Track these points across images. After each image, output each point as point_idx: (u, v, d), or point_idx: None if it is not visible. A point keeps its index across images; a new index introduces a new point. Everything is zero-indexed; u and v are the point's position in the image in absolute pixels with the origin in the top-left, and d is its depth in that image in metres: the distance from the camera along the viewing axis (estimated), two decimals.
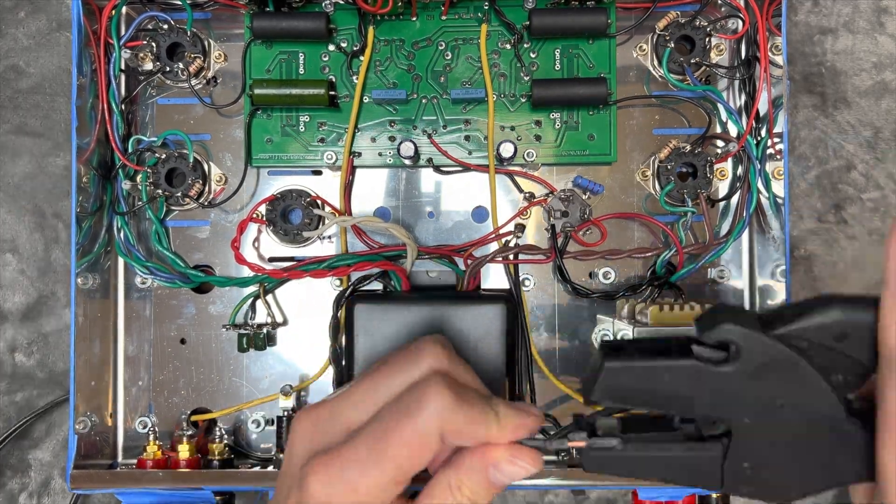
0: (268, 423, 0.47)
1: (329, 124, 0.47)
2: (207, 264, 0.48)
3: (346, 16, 0.46)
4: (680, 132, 0.47)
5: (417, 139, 0.46)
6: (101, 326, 0.46)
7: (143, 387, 0.47)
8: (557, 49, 0.47)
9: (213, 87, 0.48)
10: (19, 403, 0.52)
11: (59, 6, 0.53)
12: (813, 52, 0.52)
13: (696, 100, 0.47)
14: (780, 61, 0.44)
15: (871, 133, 0.52)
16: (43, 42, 0.53)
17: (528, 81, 0.46)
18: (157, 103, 0.48)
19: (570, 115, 0.46)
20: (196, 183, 0.46)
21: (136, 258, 0.46)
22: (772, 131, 0.45)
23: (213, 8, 0.47)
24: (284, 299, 0.47)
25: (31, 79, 0.53)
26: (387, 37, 0.47)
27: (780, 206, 0.44)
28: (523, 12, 0.46)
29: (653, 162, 0.47)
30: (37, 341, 0.52)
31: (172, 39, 0.46)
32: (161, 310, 0.48)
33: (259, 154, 0.47)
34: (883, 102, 0.52)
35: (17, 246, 0.52)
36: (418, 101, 0.47)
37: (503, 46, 0.47)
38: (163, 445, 0.45)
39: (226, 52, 0.48)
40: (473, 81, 0.47)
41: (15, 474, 0.52)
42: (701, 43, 0.46)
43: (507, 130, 0.47)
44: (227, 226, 0.48)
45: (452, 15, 0.47)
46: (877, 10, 0.52)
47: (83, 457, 0.44)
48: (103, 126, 0.46)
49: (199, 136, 0.48)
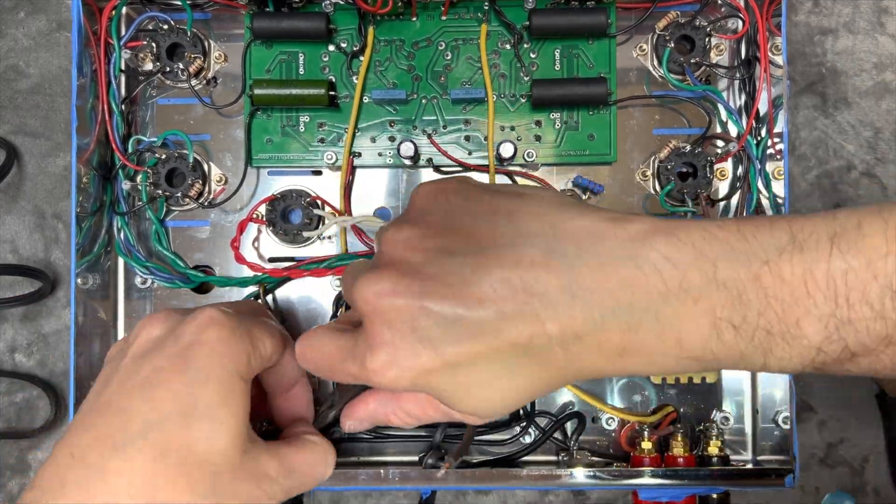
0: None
1: (329, 124, 0.47)
2: (207, 264, 0.48)
3: (346, 16, 0.46)
4: (680, 132, 0.47)
5: (417, 139, 0.46)
6: (101, 326, 0.46)
7: None
8: (557, 49, 0.46)
9: (213, 88, 0.48)
10: (19, 404, 0.52)
11: (59, 6, 0.53)
12: (813, 52, 0.52)
13: (696, 100, 0.47)
14: (780, 61, 0.44)
15: (872, 133, 0.52)
16: (43, 42, 0.53)
17: (528, 81, 0.46)
18: (157, 103, 0.48)
19: (570, 116, 0.46)
20: (196, 183, 0.46)
21: (136, 258, 0.46)
22: (772, 131, 0.45)
23: (213, 8, 0.47)
24: (284, 299, 0.47)
25: (31, 79, 0.53)
26: (387, 37, 0.47)
27: (781, 206, 0.44)
28: (523, 12, 0.46)
29: (653, 162, 0.47)
30: (37, 342, 0.52)
31: (172, 40, 0.46)
32: None
33: (259, 154, 0.47)
34: (883, 103, 0.52)
35: (17, 246, 0.52)
36: (418, 102, 0.47)
37: (503, 46, 0.47)
38: None
39: (226, 52, 0.48)
40: (473, 81, 0.47)
41: (15, 474, 0.52)
42: (701, 43, 0.45)
43: (507, 130, 0.47)
44: (227, 226, 0.48)
45: (452, 15, 0.47)
46: (877, 10, 0.52)
47: None
48: (103, 126, 0.46)
49: (200, 136, 0.48)
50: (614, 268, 0.28)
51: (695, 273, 0.27)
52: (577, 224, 0.29)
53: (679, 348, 0.28)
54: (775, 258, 0.27)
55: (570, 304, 0.27)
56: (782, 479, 0.43)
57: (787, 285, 0.26)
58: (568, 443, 0.46)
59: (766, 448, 0.46)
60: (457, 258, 0.29)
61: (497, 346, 0.28)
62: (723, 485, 0.43)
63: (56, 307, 0.52)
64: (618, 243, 0.28)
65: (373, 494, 0.51)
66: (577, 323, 0.28)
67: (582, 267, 0.28)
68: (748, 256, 0.27)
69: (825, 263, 0.26)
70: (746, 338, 0.27)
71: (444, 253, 0.29)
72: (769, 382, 0.46)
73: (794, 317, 0.26)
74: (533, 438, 0.46)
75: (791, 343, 0.27)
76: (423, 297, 0.28)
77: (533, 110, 0.46)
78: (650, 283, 0.27)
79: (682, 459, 0.44)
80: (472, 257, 0.29)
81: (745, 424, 0.46)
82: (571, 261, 0.28)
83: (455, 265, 0.29)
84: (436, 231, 0.30)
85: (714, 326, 0.27)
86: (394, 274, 0.29)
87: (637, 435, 0.45)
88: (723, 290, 0.27)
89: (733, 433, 0.46)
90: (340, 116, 0.47)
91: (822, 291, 0.26)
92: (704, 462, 0.44)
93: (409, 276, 0.29)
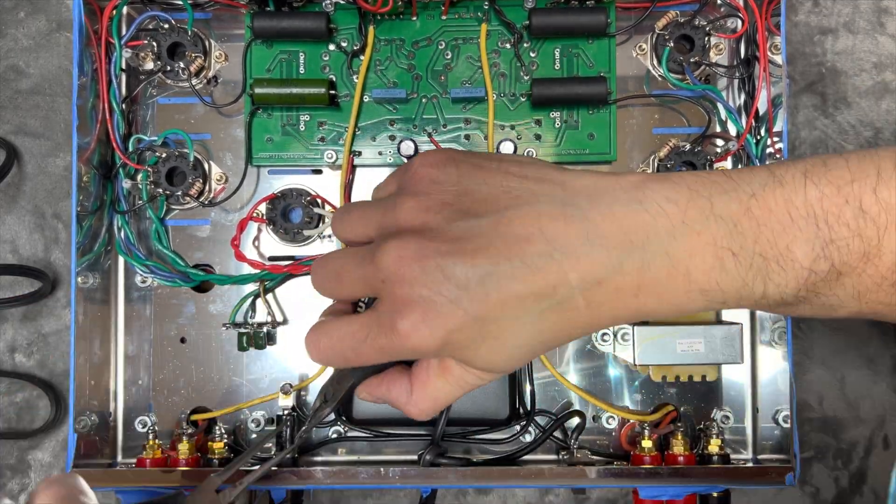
0: (268, 423, 0.47)
1: (329, 123, 0.47)
2: (207, 263, 0.48)
3: (347, 15, 0.47)
4: (679, 131, 0.47)
5: (417, 138, 0.46)
6: (101, 326, 0.46)
7: (143, 386, 0.47)
8: (557, 48, 0.47)
9: (214, 87, 0.48)
10: (19, 404, 0.52)
11: (59, 6, 0.53)
12: (813, 52, 0.52)
13: (696, 99, 0.47)
14: (780, 61, 0.44)
15: (872, 133, 0.52)
16: (43, 42, 0.53)
17: (528, 81, 0.46)
18: (157, 103, 0.48)
19: (570, 115, 0.46)
20: (196, 182, 0.46)
21: (136, 257, 0.46)
22: (771, 130, 0.45)
23: (213, 8, 0.47)
24: (284, 298, 0.47)
25: (31, 79, 0.53)
26: (387, 36, 0.47)
27: None
28: (523, 12, 0.46)
29: (652, 161, 0.47)
30: (37, 342, 0.52)
31: (173, 39, 0.46)
32: (161, 309, 0.48)
33: (259, 153, 0.47)
34: (883, 103, 0.52)
35: (17, 246, 0.52)
36: (418, 101, 0.47)
37: (503, 46, 0.47)
38: (163, 445, 0.45)
39: (226, 51, 0.48)
40: (473, 81, 0.47)
41: (15, 474, 0.52)
42: (700, 42, 0.46)
43: (507, 130, 0.47)
44: (227, 225, 0.48)
45: (452, 14, 0.47)
46: (877, 10, 0.52)
47: (83, 456, 0.44)
48: (104, 125, 0.46)
49: (200, 135, 0.48)
50: (624, 213, 0.30)
51: (694, 209, 0.30)
52: (582, 181, 0.32)
53: (688, 281, 0.30)
54: (760, 192, 0.30)
55: (589, 252, 0.30)
56: (783, 477, 0.43)
57: (774, 214, 0.30)
58: (568, 441, 0.45)
59: (766, 446, 0.46)
60: (478, 220, 0.30)
61: (524, 298, 0.29)
62: (723, 483, 0.43)
63: (56, 307, 0.52)
64: (622, 191, 0.31)
65: (373, 493, 0.51)
66: (597, 268, 0.30)
67: (595, 216, 0.30)
68: (737, 192, 0.30)
69: (802, 193, 0.30)
70: (745, 265, 0.30)
71: (464, 215, 0.31)
72: (769, 381, 0.46)
73: (784, 242, 0.29)
74: (533, 437, 0.46)
75: (784, 266, 0.30)
76: (449, 256, 0.29)
77: (533, 109, 0.46)
78: (657, 222, 0.30)
79: (682, 458, 0.44)
80: (492, 217, 0.30)
81: (745, 423, 0.46)
82: (585, 212, 0.30)
83: (476, 226, 0.30)
84: (453, 198, 0.31)
85: (717, 256, 0.30)
86: (416, 238, 0.30)
87: (637, 434, 0.45)
88: (720, 223, 0.30)
89: (734, 432, 0.46)
90: (341, 115, 0.47)
91: (803, 217, 0.29)
92: (705, 461, 0.44)
93: (431, 238, 0.30)
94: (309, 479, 0.43)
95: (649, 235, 0.30)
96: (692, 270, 0.30)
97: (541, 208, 0.30)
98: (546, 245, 0.29)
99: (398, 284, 0.30)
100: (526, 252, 0.29)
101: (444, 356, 0.32)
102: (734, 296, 0.30)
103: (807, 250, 0.29)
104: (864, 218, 0.29)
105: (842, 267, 0.30)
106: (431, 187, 0.32)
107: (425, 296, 0.29)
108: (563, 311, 0.30)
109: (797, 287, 0.30)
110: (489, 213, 0.30)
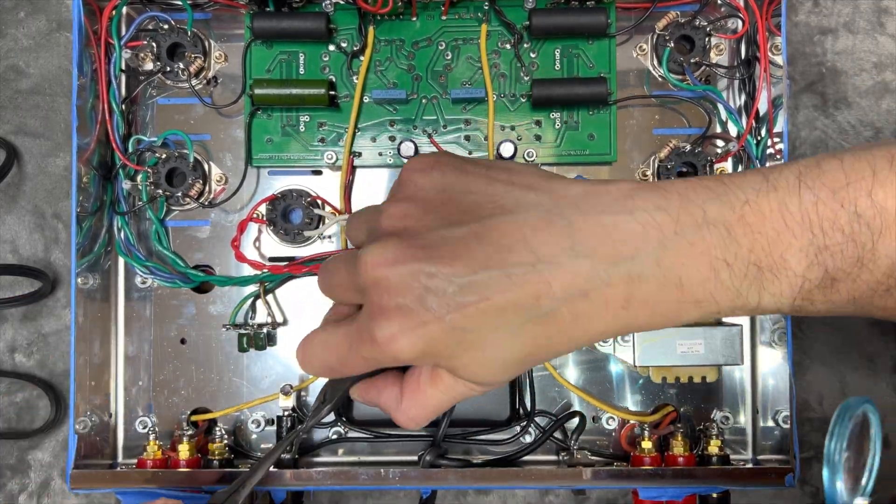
0: (268, 423, 0.47)
1: (329, 124, 0.47)
2: (207, 264, 0.48)
3: (347, 16, 0.46)
4: (680, 132, 0.47)
5: (418, 139, 0.46)
6: (101, 326, 0.46)
7: (143, 387, 0.47)
8: (557, 49, 0.47)
9: (214, 87, 0.48)
10: (19, 404, 0.52)
11: (59, 6, 0.53)
12: (813, 52, 0.52)
13: (696, 100, 0.47)
14: (780, 61, 0.44)
15: (872, 133, 0.52)
16: (43, 42, 0.53)
17: (528, 81, 0.46)
18: (157, 103, 0.48)
19: (570, 115, 0.46)
20: (196, 183, 0.46)
21: (136, 258, 0.46)
22: (772, 131, 0.45)
23: (213, 8, 0.47)
24: (284, 299, 0.47)
25: (31, 79, 0.53)
26: (387, 37, 0.47)
27: None
28: (523, 12, 0.46)
29: (653, 161, 0.47)
30: (37, 342, 0.52)
31: (173, 39, 0.46)
32: (161, 310, 0.48)
33: (259, 154, 0.47)
34: (883, 103, 0.52)
35: (17, 246, 0.52)
36: (418, 101, 0.47)
37: (503, 46, 0.47)
38: (163, 445, 0.45)
39: (226, 52, 0.48)
40: (473, 81, 0.47)
41: (15, 475, 0.52)
42: (701, 43, 0.46)
43: (507, 130, 0.47)
44: (227, 226, 0.48)
45: (452, 15, 0.47)
46: (877, 10, 0.52)
47: (83, 457, 0.44)
48: (104, 126, 0.46)
49: (200, 136, 0.48)
50: (612, 223, 0.29)
51: (686, 217, 0.29)
52: (572, 189, 0.31)
53: (680, 292, 0.29)
54: (754, 198, 0.29)
55: (574, 263, 0.28)
56: (782, 478, 0.43)
57: (769, 220, 0.29)
58: (568, 442, 0.46)
59: (766, 447, 0.46)
60: (460, 227, 0.30)
61: (503, 308, 0.28)
62: (723, 484, 0.43)
63: (56, 307, 0.52)
64: (611, 200, 0.30)
65: (373, 494, 0.51)
66: (582, 280, 0.28)
67: (582, 225, 0.29)
68: (730, 198, 0.29)
69: (797, 198, 0.29)
70: (740, 274, 0.29)
71: (446, 223, 0.30)
72: (769, 382, 0.46)
73: (778, 250, 0.29)
74: (533, 438, 0.46)
75: (779, 276, 0.29)
76: (427, 262, 0.29)
77: (533, 110, 0.46)
78: (647, 232, 0.29)
79: (682, 459, 0.44)
80: (474, 225, 0.29)
81: (745, 424, 0.46)
82: (571, 221, 0.29)
83: (458, 233, 0.29)
84: (436, 204, 0.31)
85: (711, 267, 0.29)
86: (396, 243, 0.30)
87: (637, 434, 0.45)
88: (714, 231, 0.29)
89: (733, 432, 0.46)
90: (340, 116, 0.47)
91: (798, 223, 0.29)
92: (704, 461, 0.44)
93: (411, 244, 0.29)
94: (309, 480, 0.43)
95: (639, 246, 0.29)
96: (685, 281, 0.29)
97: (525, 217, 0.29)
98: (529, 255, 0.28)
99: (376, 292, 0.29)
100: (507, 261, 0.28)
101: (430, 364, 0.32)
102: (728, 305, 0.30)
103: (800, 257, 0.29)
104: (859, 222, 0.28)
105: (836, 273, 0.29)
106: (416, 192, 0.31)
107: (401, 304, 0.29)
108: (548, 324, 0.29)
109: (792, 295, 0.29)
110: (471, 221, 0.30)
